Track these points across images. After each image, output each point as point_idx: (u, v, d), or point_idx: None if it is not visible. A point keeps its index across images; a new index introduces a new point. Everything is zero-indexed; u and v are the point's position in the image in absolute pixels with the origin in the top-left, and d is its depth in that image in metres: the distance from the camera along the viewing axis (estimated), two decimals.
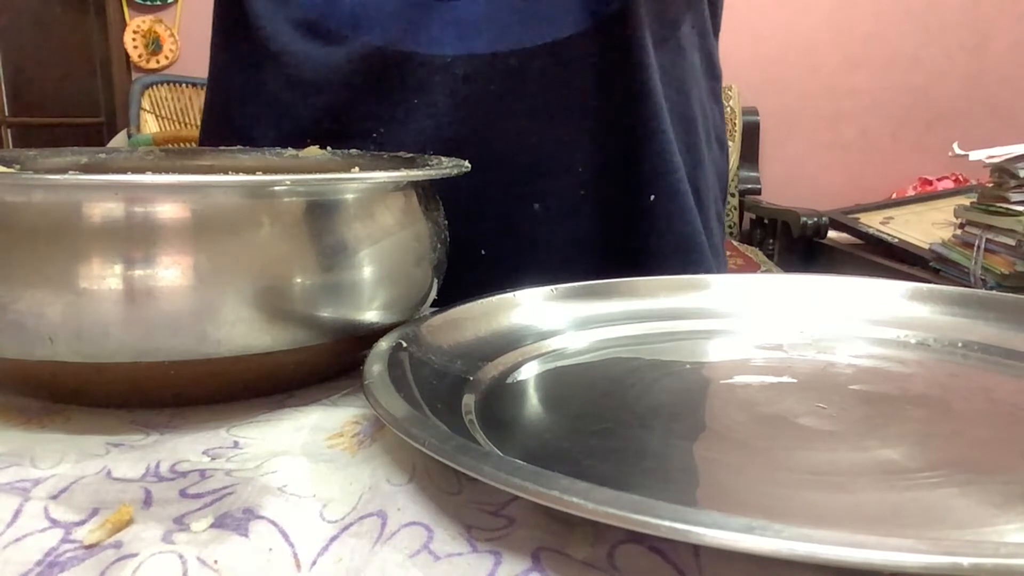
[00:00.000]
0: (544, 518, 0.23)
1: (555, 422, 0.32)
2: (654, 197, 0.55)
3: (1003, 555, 0.16)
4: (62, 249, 0.28)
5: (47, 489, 0.25)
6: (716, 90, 0.65)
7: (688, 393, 0.34)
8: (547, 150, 0.54)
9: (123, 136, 2.62)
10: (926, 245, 1.78)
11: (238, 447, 0.29)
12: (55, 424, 0.31)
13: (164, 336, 0.29)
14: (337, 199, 0.32)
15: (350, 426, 0.31)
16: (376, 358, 0.31)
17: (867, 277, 0.45)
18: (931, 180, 2.44)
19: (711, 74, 0.63)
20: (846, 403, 0.32)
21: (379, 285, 0.34)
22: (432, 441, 0.23)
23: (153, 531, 0.23)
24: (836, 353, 0.39)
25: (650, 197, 0.55)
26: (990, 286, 1.51)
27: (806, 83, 2.71)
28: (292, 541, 0.23)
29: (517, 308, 0.41)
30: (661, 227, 0.55)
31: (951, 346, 0.39)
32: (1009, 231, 1.48)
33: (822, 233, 2.17)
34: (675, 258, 0.56)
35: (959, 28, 2.67)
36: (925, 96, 2.71)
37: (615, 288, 0.44)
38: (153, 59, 2.97)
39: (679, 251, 0.56)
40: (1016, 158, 1.51)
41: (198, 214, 0.29)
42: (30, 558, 0.22)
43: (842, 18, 2.68)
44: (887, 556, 0.17)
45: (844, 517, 0.24)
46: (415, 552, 0.22)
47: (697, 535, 0.18)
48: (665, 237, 0.56)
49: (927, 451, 0.28)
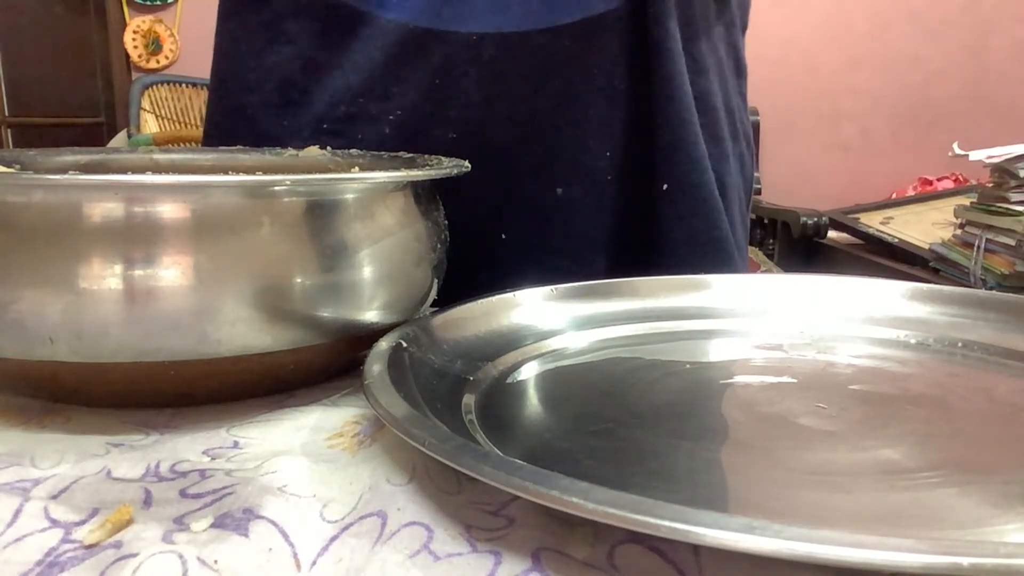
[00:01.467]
0: (544, 518, 0.23)
1: (555, 422, 0.32)
2: (677, 185, 0.53)
3: (1003, 555, 0.16)
4: (62, 249, 0.28)
5: (47, 489, 0.25)
6: (743, 88, 0.63)
7: (688, 393, 0.34)
8: (572, 133, 0.53)
9: (123, 136, 2.62)
10: (926, 245, 1.77)
11: (238, 447, 0.29)
12: (55, 424, 0.31)
13: (164, 336, 0.29)
14: (337, 199, 0.32)
15: (350, 426, 0.31)
16: (376, 358, 0.31)
17: (867, 277, 0.45)
18: (931, 180, 2.44)
19: (738, 71, 0.62)
20: (846, 403, 0.32)
21: (379, 285, 0.34)
22: (432, 441, 0.23)
23: (153, 531, 0.23)
24: (836, 353, 0.39)
25: (671, 185, 0.53)
26: (990, 286, 1.51)
27: (806, 83, 2.71)
28: (292, 541, 0.23)
29: (517, 308, 0.41)
30: (685, 216, 0.54)
31: (951, 346, 0.39)
32: (1009, 231, 1.48)
33: (822, 233, 2.17)
34: (699, 249, 0.54)
35: (959, 28, 2.67)
36: (925, 96, 2.71)
37: (615, 288, 0.44)
38: (153, 59, 2.97)
39: (703, 242, 0.55)
40: (1016, 158, 1.51)
41: (198, 214, 0.29)
42: (30, 558, 0.22)
43: (842, 18, 2.68)
44: (887, 556, 0.17)
45: (844, 517, 0.24)
46: (415, 552, 0.22)
47: (697, 535, 0.18)
48: (689, 227, 0.54)
49: (927, 451, 0.28)
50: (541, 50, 0.51)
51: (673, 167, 0.53)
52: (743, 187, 0.63)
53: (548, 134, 0.53)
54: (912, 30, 2.68)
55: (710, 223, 0.55)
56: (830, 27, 2.69)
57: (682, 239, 0.54)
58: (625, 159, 0.54)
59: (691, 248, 0.55)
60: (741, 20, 0.62)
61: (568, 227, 0.55)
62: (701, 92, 0.55)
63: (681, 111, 0.53)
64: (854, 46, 2.69)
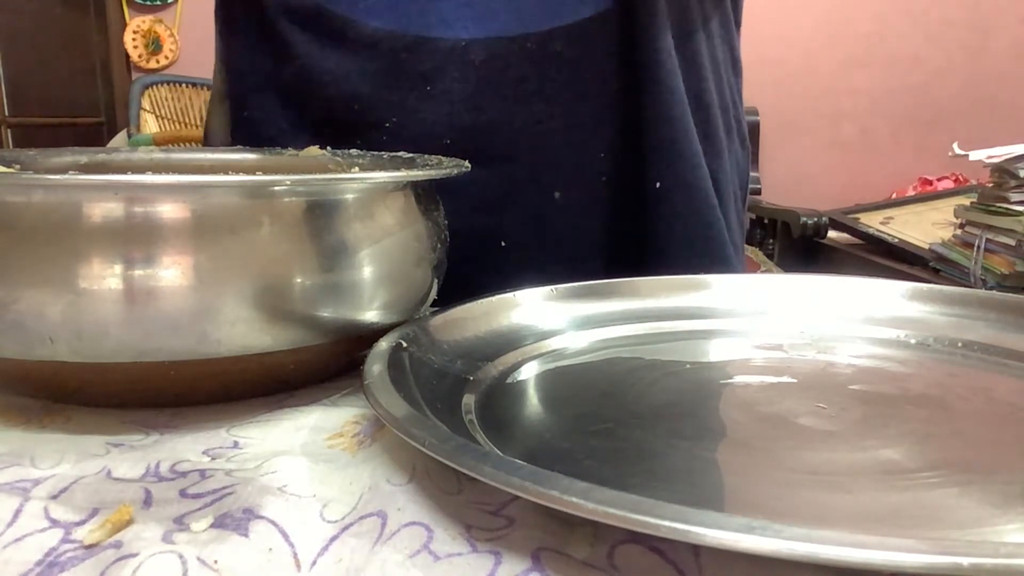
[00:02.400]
0: (544, 518, 0.23)
1: (555, 422, 0.32)
2: (671, 183, 0.53)
3: (1003, 555, 0.16)
4: (62, 249, 0.28)
5: (47, 489, 0.25)
6: (739, 85, 0.63)
7: (688, 393, 0.34)
8: (566, 137, 0.53)
9: (123, 136, 2.62)
10: (926, 245, 1.77)
11: (238, 447, 0.29)
12: (55, 424, 0.31)
13: (164, 336, 0.29)
14: (337, 199, 0.32)
15: (350, 426, 0.31)
16: (376, 358, 0.31)
17: (867, 277, 0.45)
18: (931, 180, 2.44)
19: (735, 70, 0.62)
20: (846, 403, 0.32)
21: (379, 285, 0.34)
22: (432, 441, 0.23)
23: (153, 531, 0.23)
24: (836, 353, 0.39)
25: (665, 183, 0.53)
26: (990, 286, 1.51)
27: (806, 83, 2.71)
28: (292, 541, 0.23)
29: (517, 308, 0.41)
30: (680, 214, 0.54)
31: (951, 346, 0.39)
32: (1009, 231, 1.48)
33: (822, 233, 2.17)
34: (695, 247, 0.54)
35: (959, 28, 2.67)
36: (925, 96, 2.71)
37: (615, 288, 0.44)
38: (153, 59, 2.97)
39: (698, 240, 0.54)
40: (1016, 158, 1.51)
41: (198, 214, 0.29)
42: (30, 558, 0.22)
43: (842, 18, 2.68)
44: (887, 556, 0.17)
45: (844, 517, 0.24)
46: (415, 552, 0.22)
47: (697, 535, 0.18)
48: (684, 225, 0.54)
49: (927, 451, 0.28)
50: (532, 54, 0.51)
51: (667, 165, 0.53)
52: (739, 184, 0.62)
53: (543, 138, 0.53)
54: (912, 30, 2.68)
55: (704, 221, 0.55)
56: (830, 27, 2.68)
57: (677, 237, 0.54)
58: (620, 159, 0.54)
59: (686, 246, 0.54)
60: (736, 17, 0.62)
61: (565, 230, 0.55)
62: (695, 90, 0.55)
63: (673, 109, 0.52)
64: (854, 46, 2.69)
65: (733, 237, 0.59)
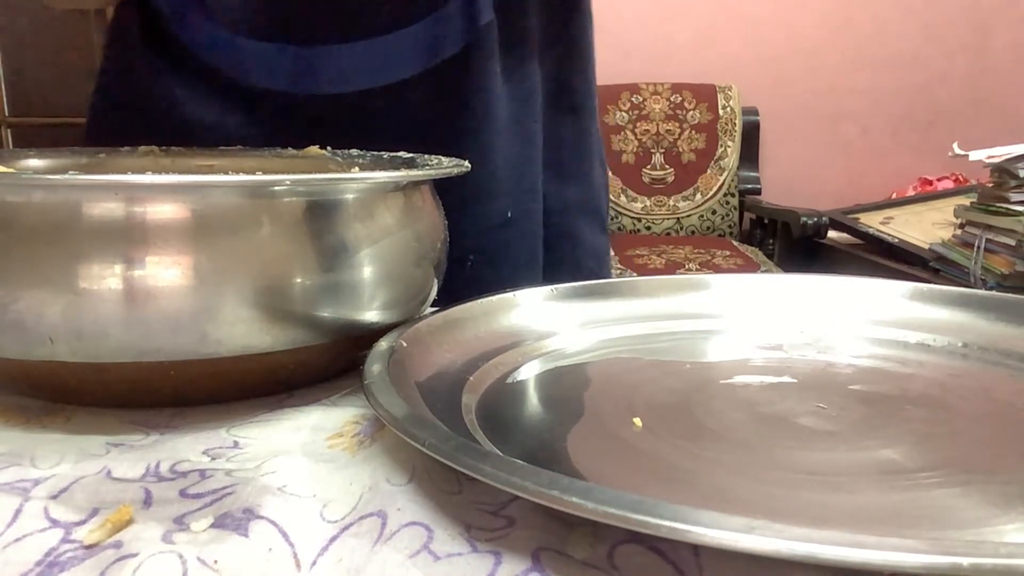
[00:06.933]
0: (544, 518, 0.23)
1: (555, 422, 0.32)
2: (514, 212, 0.60)
3: (1003, 555, 0.16)
4: (62, 249, 0.28)
5: (47, 489, 0.25)
6: (577, 122, 0.67)
7: (688, 393, 0.34)
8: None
9: None
10: (926, 245, 1.78)
11: (238, 447, 0.29)
12: (55, 424, 0.31)
13: (164, 336, 0.29)
14: (337, 199, 0.32)
15: (350, 426, 0.31)
16: (376, 358, 0.31)
17: (867, 277, 0.45)
18: (931, 180, 2.44)
19: (569, 104, 0.65)
20: (846, 403, 0.32)
21: (379, 285, 0.34)
22: (432, 441, 0.23)
23: (153, 531, 0.23)
24: (836, 353, 0.39)
25: (514, 212, 0.60)
26: (990, 286, 1.51)
27: (806, 83, 2.71)
28: (292, 541, 0.23)
29: (517, 308, 0.41)
30: (514, 246, 0.61)
31: (951, 346, 0.39)
32: (1009, 231, 1.48)
33: (822, 233, 2.17)
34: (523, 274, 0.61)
35: (959, 28, 2.67)
36: (925, 96, 2.71)
37: (615, 288, 0.44)
38: None
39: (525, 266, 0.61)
40: (1016, 158, 1.51)
41: (198, 214, 0.29)
42: (30, 558, 0.22)
43: (842, 18, 2.67)
44: (887, 556, 0.17)
45: (844, 517, 0.24)
46: (415, 552, 0.22)
47: (697, 535, 0.18)
48: (518, 254, 0.61)
49: (927, 451, 0.28)
50: (357, 109, 0.55)
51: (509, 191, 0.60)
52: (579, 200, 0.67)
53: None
54: (912, 30, 2.68)
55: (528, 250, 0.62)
56: (830, 27, 2.68)
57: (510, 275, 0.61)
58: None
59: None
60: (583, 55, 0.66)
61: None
62: (522, 130, 0.61)
63: (490, 154, 0.58)
64: (854, 46, 2.69)
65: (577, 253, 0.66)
